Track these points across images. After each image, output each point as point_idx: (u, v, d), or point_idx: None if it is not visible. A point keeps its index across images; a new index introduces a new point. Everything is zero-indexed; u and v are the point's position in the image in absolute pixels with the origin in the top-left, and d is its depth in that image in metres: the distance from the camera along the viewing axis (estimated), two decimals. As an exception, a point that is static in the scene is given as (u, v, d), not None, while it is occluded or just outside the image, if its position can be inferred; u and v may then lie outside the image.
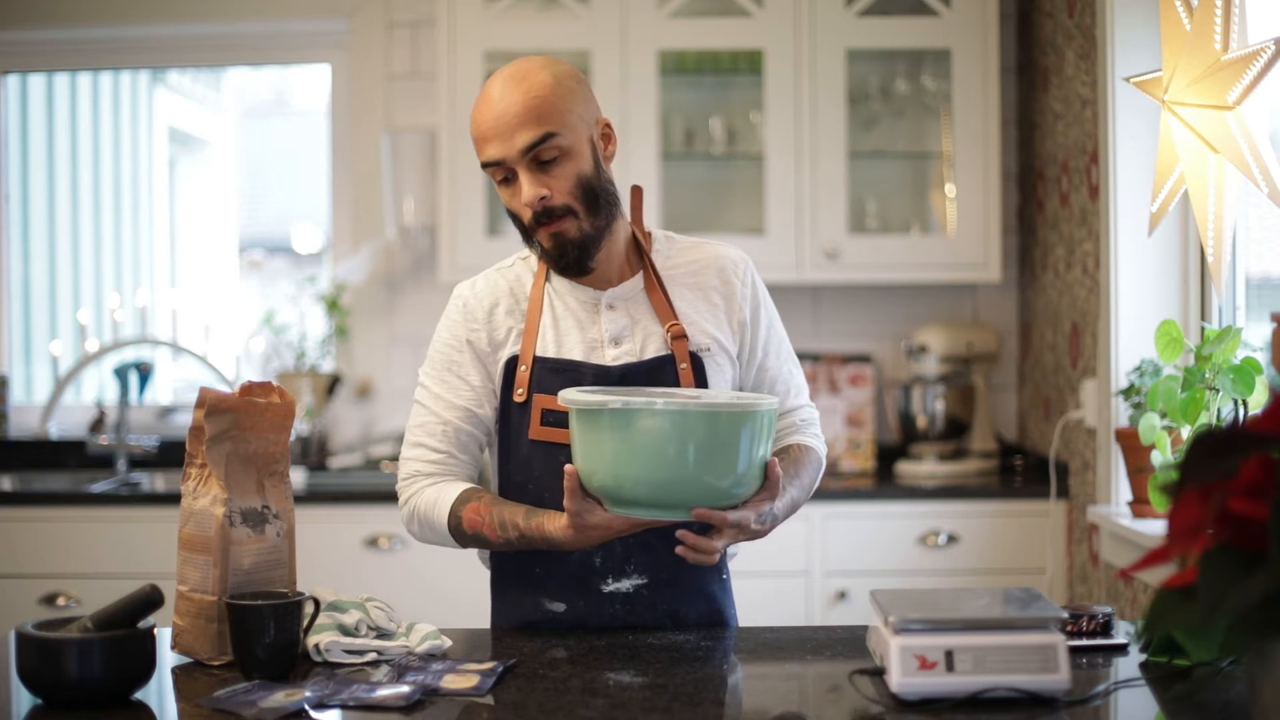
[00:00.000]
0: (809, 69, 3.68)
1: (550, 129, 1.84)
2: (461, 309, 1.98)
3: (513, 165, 1.85)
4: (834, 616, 3.41)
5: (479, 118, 1.86)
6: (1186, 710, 1.53)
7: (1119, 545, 2.96)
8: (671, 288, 1.97)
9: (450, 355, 1.97)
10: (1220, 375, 2.35)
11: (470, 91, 3.68)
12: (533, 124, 1.83)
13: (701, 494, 1.68)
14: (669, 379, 1.91)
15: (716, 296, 1.98)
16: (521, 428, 1.92)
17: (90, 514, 3.52)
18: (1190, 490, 1.07)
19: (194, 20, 4.10)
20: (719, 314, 1.97)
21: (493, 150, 1.85)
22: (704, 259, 2.00)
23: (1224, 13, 2.35)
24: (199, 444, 1.75)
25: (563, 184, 1.86)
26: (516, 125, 1.83)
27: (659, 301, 1.94)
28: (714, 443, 1.65)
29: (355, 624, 1.75)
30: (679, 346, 1.92)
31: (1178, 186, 2.51)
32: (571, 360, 1.91)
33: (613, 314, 1.94)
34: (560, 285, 1.96)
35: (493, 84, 1.87)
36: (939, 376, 3.79)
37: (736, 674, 1.71)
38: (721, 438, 1.66)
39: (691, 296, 1.97)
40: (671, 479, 1.66)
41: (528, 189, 1.85)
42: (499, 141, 1.85)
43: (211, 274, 5.51)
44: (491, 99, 1.86)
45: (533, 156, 1.84)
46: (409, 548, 3.44)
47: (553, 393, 1.88)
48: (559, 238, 1.88)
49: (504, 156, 1.85)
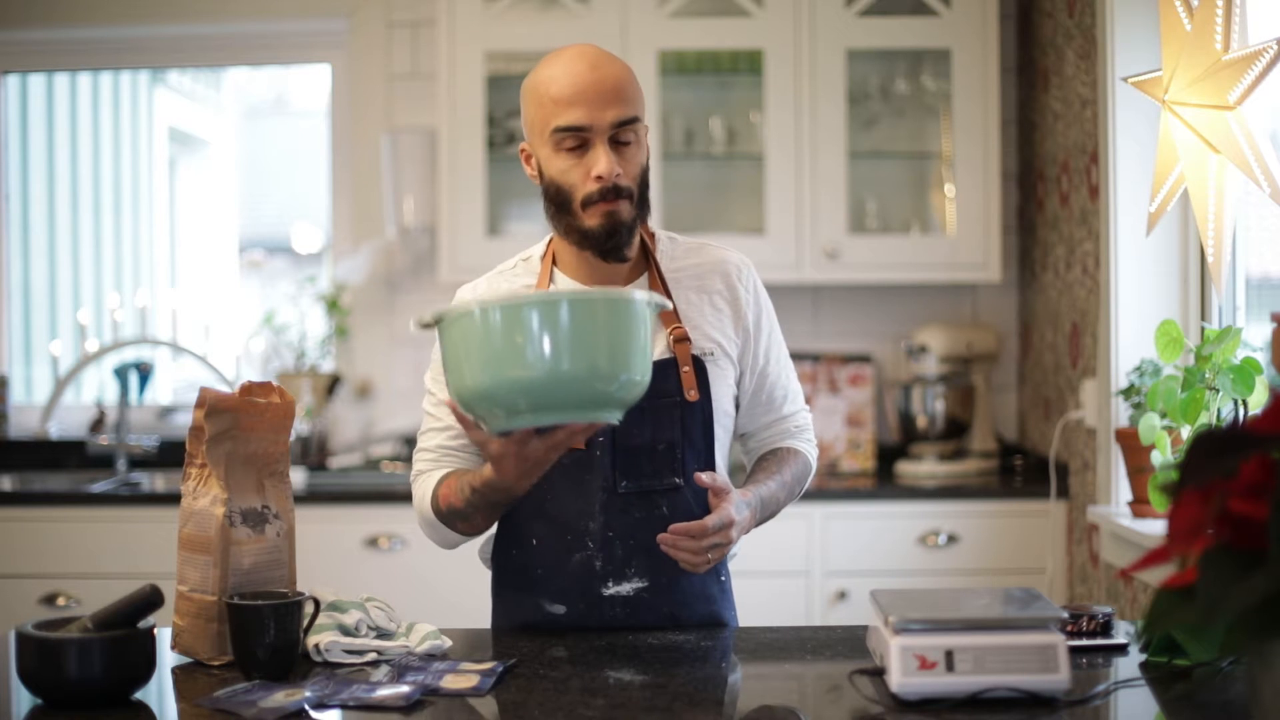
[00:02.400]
0: (809, 69, 3.68)
1: (636, 113, 1.86)
2: None
3: (592, 135, 1.83)
4: (834, 616, 3.41)
5: (566, 80, 1.82)
6: (1186, 710, 1.53)
7: (1119, 545, 2.96)
8: (676, 290, 1.96)
9: None
10: (1220, 375, 2.35)
11: (471, 91, 3.69)
12: (626, 103, 1.84)
13: (567, 385, 1.59)
14: (671, 382, 1.91)
15: (721, 301, 1.98)
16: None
17: (90, 514, 3.52)
18: (1190, 490, 1.07)
19: (194, 20, 4.10)
20: (723, 318, 1.97)
21: (578, 115, 1.82)
22: (708, 262, 2.00)
23: (1224, 13, 2.35)
24: (199, 444, 1.75)
25: (631, 168, 1.86)
26: (613, 98, 1.82)
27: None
28: (567, 329, 1.58)
29: (355, 624, 1.75)
30: (681, 350, 1.91)
31: (1177, 186, 2.51)
32: None
33: None
34: (565, 287, 1.95)
35: (580, 53, 1.85)
36: (939, 376, 3.79)
37: (736, 674, 1.71)
38: (569, 323, 1.58)
39: (696, 300, 1.97)
40: (534, 374, 1.58)
41: (607, 161, 1.83)
42: (589, 108, 1.82)
43: (211, 274, 5.51)
44: (584, 66, 1.83)
45: (616, 134, 1.84)
46: (409, 548, 3.44)
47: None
48: (614, 217, 1.86)
49: (591, 124, 1.82)
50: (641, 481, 1.89)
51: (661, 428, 1.90)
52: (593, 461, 1.89)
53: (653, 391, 1.87)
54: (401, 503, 3.51)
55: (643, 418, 1.87)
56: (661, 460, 1.90)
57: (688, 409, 1.91)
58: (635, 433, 1.88)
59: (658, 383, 1.89)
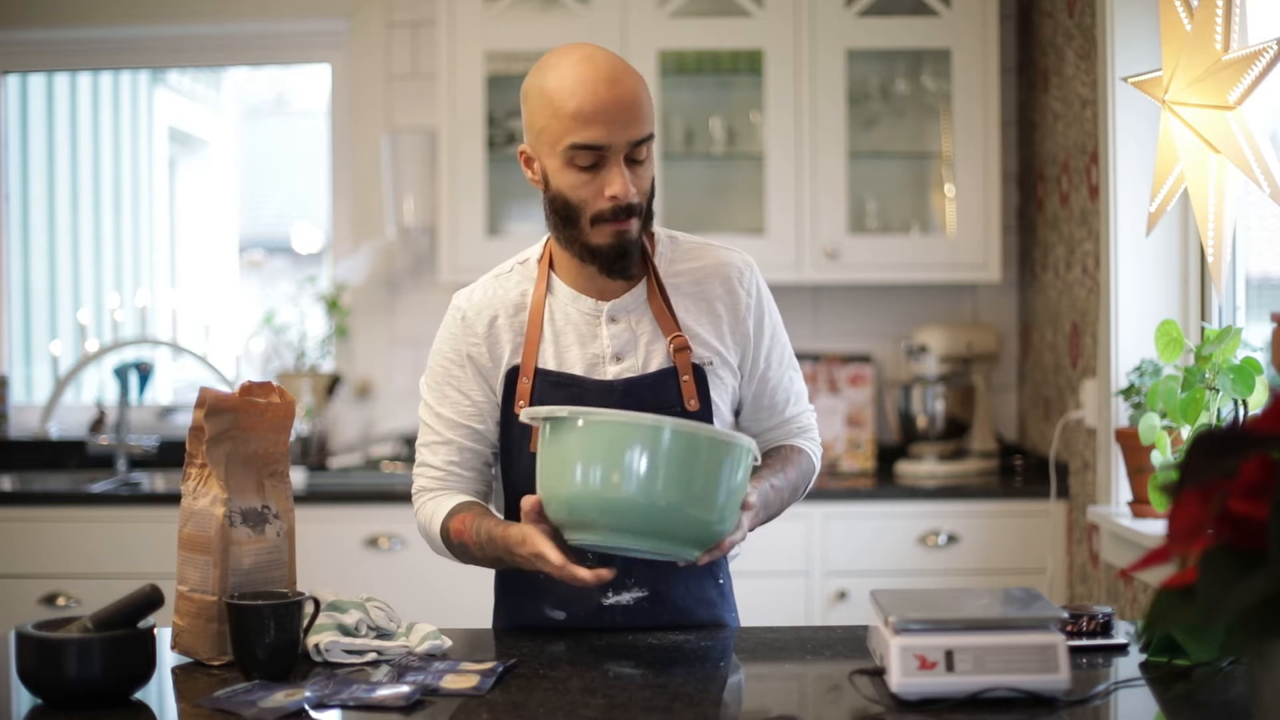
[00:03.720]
0: (809, 69, 3.68)
1: (652, 129, 1.82)
2: (460, 321, 1.93)
3: (609, 154, 1.78)
4: (834, 616, 3.41)
5: (584, 95, 1.76)
6: (1186, 710, 1.53)
7: (1119, 545, 2.96)
8: (674, 296, 1.92)
9: (450, 370, 1.93)
10: (1220, 375, 2.35)
11: (471, 91, 3.68)
12: (643, 121, 1.79)
13: (671, 522, 1.61)
14: (671, 392, 1.88)
15: (720, 307, 1.93)
16: (523, 440, 1.89)
17: (90, 514, 3.52)
18: (1190, 490, 1.07)
19: (194, 20, 4.10)
20: (721, 325, 1.93)
21: (596, 134, 1.77)
22: (708, 265, 1.95)
23: (1224, 13, 2.35)
24: (199, 444, 1.75)
25: (643, 185, 1.83)
26: (634, 116, 1.77)
27: (661, 312, 1.90)
28: (686, 464, 1.59)
29: (355, 624, 1.75)
30: (681, 359, 1.88)
31: (1177, 186, 2.51)
32: (574, 375, 1.88)
33: (614, 327, 1.90)
34: (562, 295, 1.92)
35: (593, 63, 1.78)
36: (939, 376, 3.79)
37: (736, 674, 1.71)
38: (694, 461, 1.60)
39: (694, 307, 1.92)
40: (635, 500, 1.59)
41: (622, 183, 1.78)
42: (609, 128, 1.76)
43: (211, 274, 5.51)
44: (601, 80, 1.77)
45: (631, 152, 1.80)
46: (409, 548, 3.44)
47: (555, 405, 1.85)
48: (623, 236, 1.83)
49: (610, 143, 1.77)
50: None
51: None
52: None
53: (656, 402, 1.87)
54: (402, 503, 3.50)
55: None
56: None
57: (688, 418, 1.87)
58: None
59: (659, 393, 1.88)
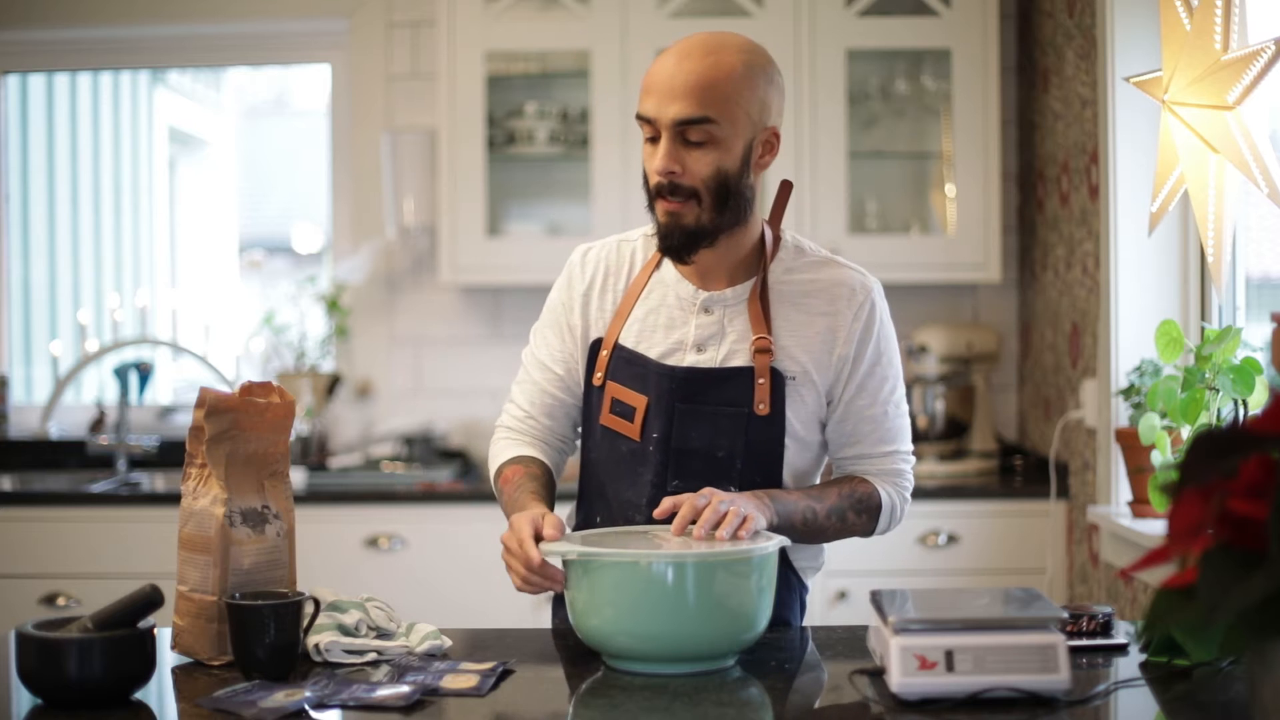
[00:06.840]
0: (809, 69, 3.68)
1: (709, 114, 1.79)
2: (574, 273, 1.99)
3: (659, 128, 1.81)
4: (834, 616, 3.40)
5: (655, 69, 1.83)
6: (1186, 710, 1.53)
7: (1119, 545, 2.96)
8: (777, 304, 1.89)
9: (552, 315, 2.00)
10: (1220, 375, 2.35)
11: (471, 91, 3.68)
12: (695, 102, 1.79)
13: (706, 645, 1.64)
14: (740, 392, 1.86)
15: (821, 324, 1.88)
16: (596, 410, 1.93)
17: (90, 514, 3.52)
18: (1190, 490, 1.07)
19: (194, 20, 4.10)
20: (817, 343, 1.88)
21: (648, 106, 1.82)
22: (821, 280, 1.91)
23: (1224, 13, 2.35)
24: (199, 444, 1.75)
25: (700, 169, 1.82)
26: (680, 94, 1.79)
27: (756, 314, 1.87)
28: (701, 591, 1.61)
29: (355, 624, 1.75)
30: (761, 361, 1.85)
31: (1178, 186, 2.51)
32: (644, 355, 1.90)
33: (706, 317, 1.89)
34: (668, 275, 1.93)
35: (686, 44, 1.84)
36: (939, 376, 3.79)
37: (736, 674, 1.71)
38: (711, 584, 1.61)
39: (794, 317, 1.89)
40: (662, 635, 1.61)
41: (661, 158, 1.81)
42: (657, 101, 1.81)
43: (211, 274, 5.51)
44: (672, 58, 1.82)
45: (680, 131, 1.80)
46: (409, 548, 3.44)
47: (623, 382, 1.90)
48: (673, 217, 1.83)
49: (655, 117, 1.81)
50: (692, 483, 1.84)
51: (722, 434, 1.86)
52: (646, 456, 1.89)
53: (720, 398, 1.86)
54: (401, 503, 3.51)
55: (705, 422, 1.86)
56: (720, 466, 1.87)
57: (754, 421, 1.86)
58: (694, 435, 1.87)
59: (727, 390, 1.86)
